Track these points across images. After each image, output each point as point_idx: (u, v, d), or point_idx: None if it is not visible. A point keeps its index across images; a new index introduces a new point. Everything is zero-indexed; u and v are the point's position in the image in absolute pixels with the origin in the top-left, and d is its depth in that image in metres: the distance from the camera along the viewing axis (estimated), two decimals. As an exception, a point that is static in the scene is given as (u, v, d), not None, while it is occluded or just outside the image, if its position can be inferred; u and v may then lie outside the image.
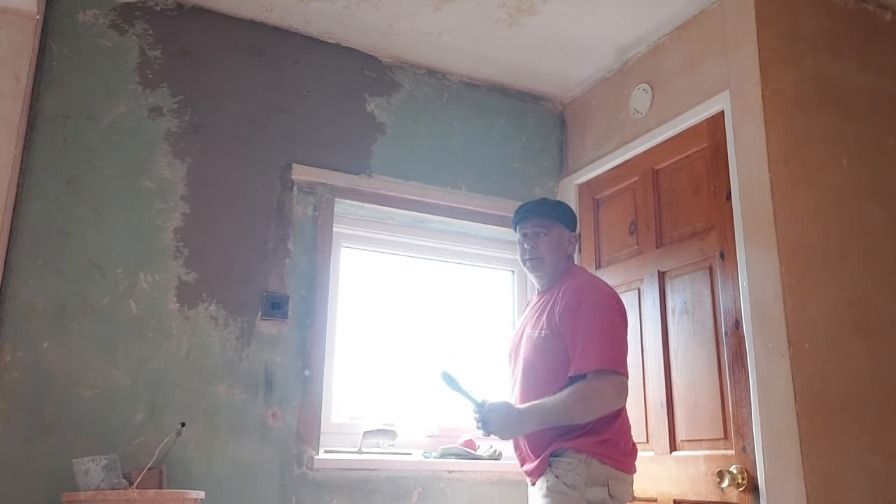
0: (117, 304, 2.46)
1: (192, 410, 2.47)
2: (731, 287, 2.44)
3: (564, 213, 2.30)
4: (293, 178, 2.82)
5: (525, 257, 2.27)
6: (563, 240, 2.27)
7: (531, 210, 2.28)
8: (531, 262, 2.26)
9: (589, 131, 3.27)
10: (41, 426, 2.29)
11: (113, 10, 2.67)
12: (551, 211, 2.27)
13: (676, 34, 2.85)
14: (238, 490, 2.48)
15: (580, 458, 1.99)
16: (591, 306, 2.07)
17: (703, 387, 2.51)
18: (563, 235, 2.27)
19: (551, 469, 2.02)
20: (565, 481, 1.98)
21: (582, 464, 1.98)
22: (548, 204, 2.30)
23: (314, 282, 2.77)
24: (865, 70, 2.60)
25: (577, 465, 1.98)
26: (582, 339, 2.03)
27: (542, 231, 2.24)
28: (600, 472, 1.98)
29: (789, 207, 2.33)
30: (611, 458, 2.00)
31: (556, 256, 2.25)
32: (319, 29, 2.93)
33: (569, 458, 2.00)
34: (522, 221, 2.28)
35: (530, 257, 2.25)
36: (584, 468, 1.98)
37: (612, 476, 1.99)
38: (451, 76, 3.25)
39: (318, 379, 2.70)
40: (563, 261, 2.27)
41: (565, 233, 2.28)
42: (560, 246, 2.26)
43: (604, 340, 2.02)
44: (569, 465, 1.99)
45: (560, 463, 2.01)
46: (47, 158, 2.47)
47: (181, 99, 2.70)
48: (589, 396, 1.98)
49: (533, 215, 2.26)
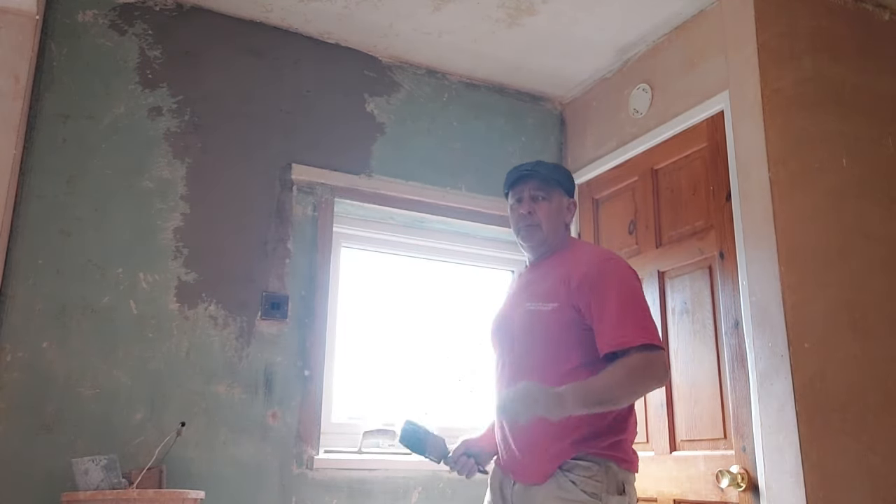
0: (117, 304, 2.46)
1: (191, 410, 2.47)
2: (730, 287, 2.44)
3: (564, 176, 2.03)
4: (293, 178, 2.82)
5: (520, 224, 1.97)
6: (562, 207, 1.99)
7: (529, 171, 1.97)
8: (528, 230, 1.96)
9: (588, 131, 3.27)
10: (41, 426, 2.29)
11: (113, 10, 2.67)
12: (552, 173, 1.98)
13: (676, 34, 2.85)
14: (238, 490, 2.48)
15: (600, 464, 1.74)
16: (620, 278, 1.80)
17: (703, 387, 2.51)
18: (562, 202, 1.99)
19: (564, 473, 1.73)
20: (584, 489, 1.71)
21: (602, 470, 1.73)
22: (546, 166, 2.00)
23: (314, 282, 2.77)
24: (865, 70, 2.60)
25: (597, 472, 1.72)
26: (616, 312, 1.75)
27: (540, 195, 1.95)
28: (619, 478, 1.75)
29: (789, 207, 2.33)
30: (627, 460, 1.78)
31: (555, 224, 1.97)
32: (319, 29, 2.93)
33: (587, 462, 1.74)
34: (518, 184, 1.98)
35: (527, 224, 1.95)
36: (604, 475, 1.73)
37: (627, 480, 1.77)
38: (450, 76, 3.25)
39: (318, 379, 2.70)
40: (561, 230, 1.99)
41: (565, 199, 2.00)
42: (560, 213, 1.98)
43: (643, 314, 1.77)
44: (587, 470, 1.73)
45: (577, 467, 1.73)
46: (47, 158, 2.47)
47: (181, 99, 2.70)
48: (642, 373, 1.70)
49: (531, 177, 1.97)
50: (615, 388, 1.68)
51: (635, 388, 1.72)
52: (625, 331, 1.72)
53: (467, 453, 1.93)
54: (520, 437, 1.82)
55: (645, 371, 1.70)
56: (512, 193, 2.01)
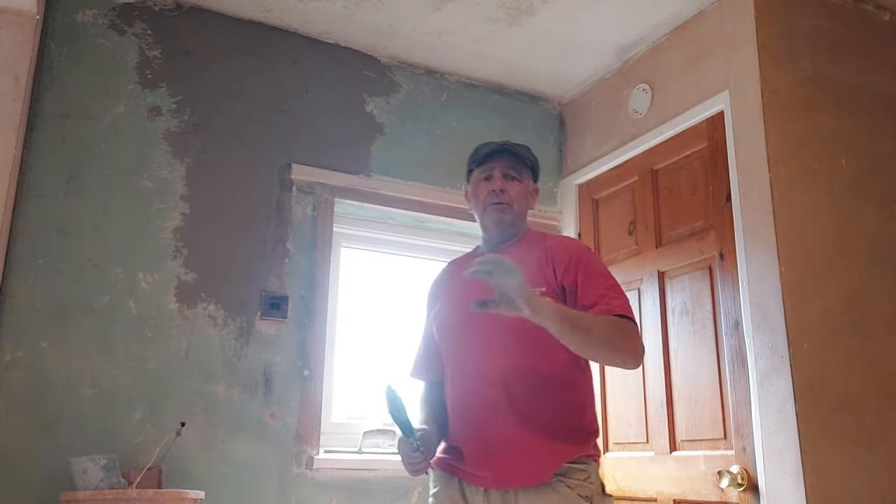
0: (117, 304, 2.46)
1: (191, 410, 2.47)
2: (730, 287, 2.44)
3: (534, 160, 1.93)
4: (292, 178, 2.82)
5: (489, 202, 1.82)
6: (528, 191, 1.89)
7: (501, 148, 1.85)
8: (499, 208, 1.82)
9: (588, 131, 3.27)
10: (41, 426, 2.28)
11: (112, 10, 2.67)
12: (526, 154, 1.89)
13: (676, 34, 2.85)
14: (237, 490, 2.48)
15: (589, 464, 1.67)
16: (598, 261, 1.79)
17: (703, 387, 2.51)
18: (529, 186, 1.90)
19: (561, 478, 1.62)
20: (581, 493, 1.62)
21: (592, 469, 1.67)
22: (519, 146, 1.90)
23: (314, 282, 2.77)
24: (864, 70, 2.60)
25: (590, 473, 1.65)
26: (604, 287, 1.68)
27: (512, 174, 1.84)
28: (600, 477, 1.70)
29: (789, 207, 2.33)
30: (599, 457, 1.74)
31: (523, 207, 1.87)
32: (319, 29, 2.93)
33: (581, 464, 1.65)
34: (490, 158, 1.85)
35: (499, 201, 1.81)
36: (595, 475, 1.67)
37: (602, 479, 1.73)
38: (450, 76, 3.25)
39: (317, 379, 2.70)
40: (525, 214, 1.90)
41: (531, 184, 1.91)
42: (527, 197, 1.89)
43: (622, 294, 1.70)
44: (583, 472, 1.64)
45: (573, 471, 1.63)
46: (47, 158, 2.46)
47: (180, 99, 2.70)
48: (624, 335, 1.61)
49: (504, 154, 1.85)
50: (596, 325, 1.56)
51: (613, 341, 1.58)
52: (614, 301, 1.64)
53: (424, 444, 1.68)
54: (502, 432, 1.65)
55: (627, 336, 1.61)
56: (479, 170, 1.86)
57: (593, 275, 1.71)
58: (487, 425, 1.66)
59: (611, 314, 1.61)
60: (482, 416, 1.68)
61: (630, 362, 1.63)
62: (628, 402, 2.79)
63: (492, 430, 1.66)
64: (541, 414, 1.65)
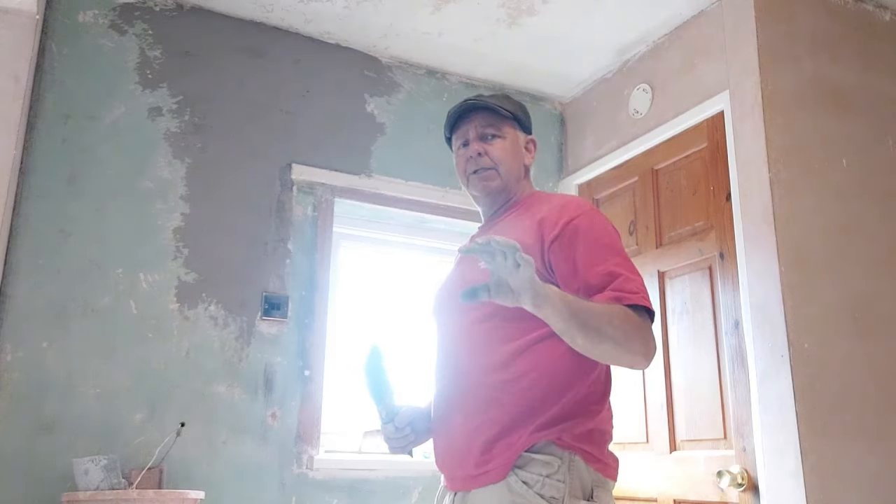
0: (117, 304, 2.46)
1: (191, 410, 2.47)
2: (730, 287, 2.44)
3: (518, 108, 1.63)
4: (293, 178, 2.82)
5: (469, 169, 1.58)
6: (518, 145, 1.61)
7: (473, 105, 1.58)
8: (480, 175, 1.57)
9: (589, 131, 3.27)
10: (41, 426, 2.29)
11: (113, 10, 2.67)
12: (503, 104, 1.59)
13: (676, 34, 2.85)
14: (238, 490, 2.48)
15: (563, 457, 1.34)
16: (602, 228, 1.45)
17: (703, 387, 2.51)
18: (518, 139, 1.61)
19: (516, 471, 1.33)
20: (542, 492, 1.30)
21: (565, 465, 1.33)
22: (496, 96, 1.62)
23: (314, 282, 2.77)
24: (865, 70, 2.60)
25: (558, 468, 1.33)
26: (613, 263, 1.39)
27: (490, 132, 1.57)
28: (587, 479, 1.35)
29: (789, 207, 2.33)
30: (601, 460, 1.39)
31: (513, 167, 1.58)
32: (319, 29, 2.93)
33: (546, 455, 1.33)
34: (461, 123, 1.61)
35: (479, 168, 1.56)
36: (567, 472, 1.33)
37: (599, 484, 1.37)
38: (450, 76, 3.25)
39: (318, 379, 2.70)
40: (521, 174, 1.61)
41: (521, 135, 1.62)
42: (517, 152, 1.60)
43: (636, 274, 1.40)
44: (546, 466, 1.32)
45: (533, 462, 1.33)
46: (47, 158, 2.47)
47: (181, 99, 2.70)
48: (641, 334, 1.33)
49: (475, 111, 1.58)
50: (608, 324, 1.29)
51: (626, 343, 1.31)
52: (629, 286, 1.35)
53: (412, 425, 1.52)
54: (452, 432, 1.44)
55: (640, 335, 1.32)
56: (455, 137, 1.64)
57: (598, 248, 1.40)
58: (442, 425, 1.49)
59: (623, 304, 1.33)
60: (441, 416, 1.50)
61: (640, 364, 1.36)
62: (628, 402, 2.79)
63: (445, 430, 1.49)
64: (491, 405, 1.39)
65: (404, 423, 1.51)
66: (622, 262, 1.40)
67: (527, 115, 1.65)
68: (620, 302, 1.33)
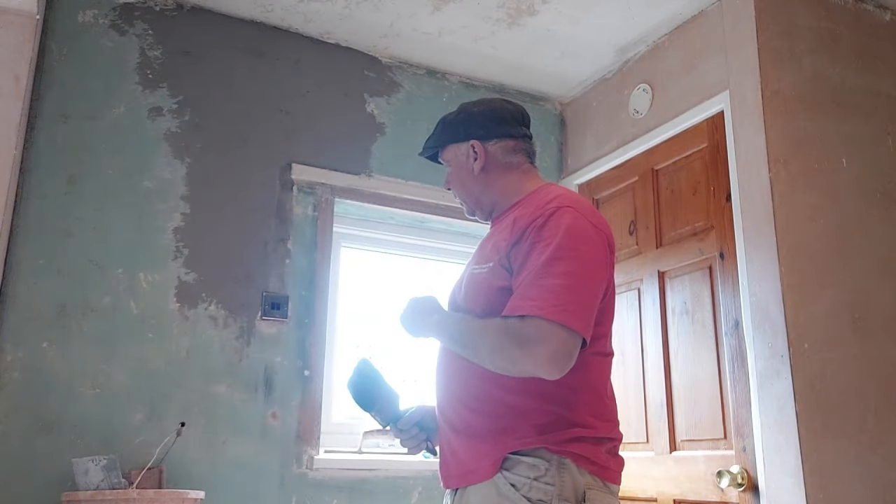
0: (117, 304, 2.46)
1: (192, 410, 2.47)
2: (730, 287, 2.44)
3: (451, 125, 1.62)
4: (293, 177, 2.82)
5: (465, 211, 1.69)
6: (460, 159, 1.60)
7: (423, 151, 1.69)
8: (463, 207, 1.67)
9: (589, 131, 3.27)
10: (41, 426, 2.29)
11: (113, 10, 2.67)
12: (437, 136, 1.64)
13: (676, 34, 2.85)
14: (238, 490, 2.48)
15: (552, 460, 1.35)
16: (564, 230, 1.38)
17: (703, 387, 2.51)
18: (458, 157, 1.60)
19: (504, 473, 1.36)
20: (528, 494, 1.32)
21: (554, 468, 1.34)
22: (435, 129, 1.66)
23: (314, 282, 2.77)
24: (865, 70, 2.60)
25: (545, 470, 1.34)
26: (535, 272, 1.34)
27: (442, 163, 1.67)
28: (578, 482, 1.35)
29: (789, 207, 2.33)
30: (594, 461, 1.38)
31: (470, 187, 1.61)
32: (319, 29, 2.93)
33: (534, 458, 1.35)
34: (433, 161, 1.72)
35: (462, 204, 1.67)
36: (556, 474, 1.34)
37: (592, 487, 1.36)
38: (450, 76, 3.25)
39: (318, 379, 2.70)
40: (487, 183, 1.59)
41: (461, 149, 1.60)
42: (465, 168, 1.59)
43: (563, 280, 1.32)
44: (533, 469, 1.34)
45: (521, 465, 1.35)
46: (47, 158, 2.47)
47: (181, 99, 2.70)
48: (519, 341, 1.30)
49: (423, 153, 1.69)
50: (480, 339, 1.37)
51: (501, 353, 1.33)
52: (526, 294, 1.33)
53: (420, 425, 1.58)
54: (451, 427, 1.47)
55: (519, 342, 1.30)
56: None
57: (534, 252, 1.37)
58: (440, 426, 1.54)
59: (514, 315, 1.32)
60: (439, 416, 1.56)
61: (537, 371, 1.30)
62: (628, 402, 2.79)
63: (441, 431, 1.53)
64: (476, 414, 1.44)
65: (409, 425, 1.58)
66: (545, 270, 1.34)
67: (466, 123, 1.60)
68: (512, 313, 1.33)
